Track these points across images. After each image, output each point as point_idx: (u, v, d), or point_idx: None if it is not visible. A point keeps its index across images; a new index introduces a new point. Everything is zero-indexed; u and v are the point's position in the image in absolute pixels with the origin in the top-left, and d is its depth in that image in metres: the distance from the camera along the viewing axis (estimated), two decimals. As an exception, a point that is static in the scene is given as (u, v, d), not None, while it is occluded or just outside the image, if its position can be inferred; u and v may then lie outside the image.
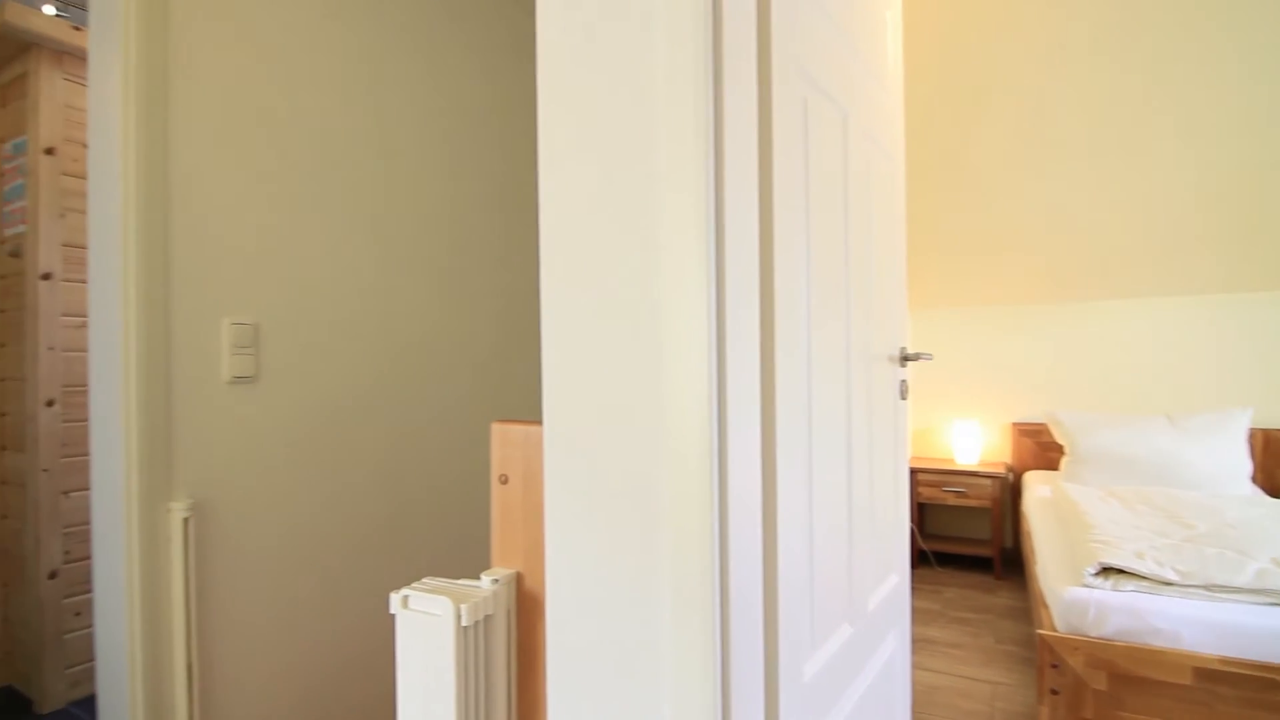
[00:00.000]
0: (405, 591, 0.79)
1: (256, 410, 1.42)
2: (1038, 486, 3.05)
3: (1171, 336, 3.21)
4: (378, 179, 1.70)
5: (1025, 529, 2.78)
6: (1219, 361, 3.13)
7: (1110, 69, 2.86)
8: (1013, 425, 3.48)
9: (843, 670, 1.03)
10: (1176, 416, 2.97)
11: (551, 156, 0.75)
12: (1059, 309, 3.40)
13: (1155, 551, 1.83)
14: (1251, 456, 2.97)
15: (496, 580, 0.81)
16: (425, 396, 1.82)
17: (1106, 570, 1.76)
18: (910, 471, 3.35)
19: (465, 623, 0.75)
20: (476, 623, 0.78)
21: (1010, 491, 3.45)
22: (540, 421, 0.82)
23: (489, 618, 0.80)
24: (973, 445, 3.45)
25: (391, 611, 0.78)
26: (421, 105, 1.83)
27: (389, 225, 1.73)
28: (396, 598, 0.79)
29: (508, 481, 0.85)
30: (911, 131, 3.32)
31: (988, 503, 3.25)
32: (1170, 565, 1.73)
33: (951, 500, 3.32)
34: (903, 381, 1.40)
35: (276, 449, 1.45)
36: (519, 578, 0.85)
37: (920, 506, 3.56)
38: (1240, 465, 2.76)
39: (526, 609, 0.84)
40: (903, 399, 1.41)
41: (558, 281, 0.74)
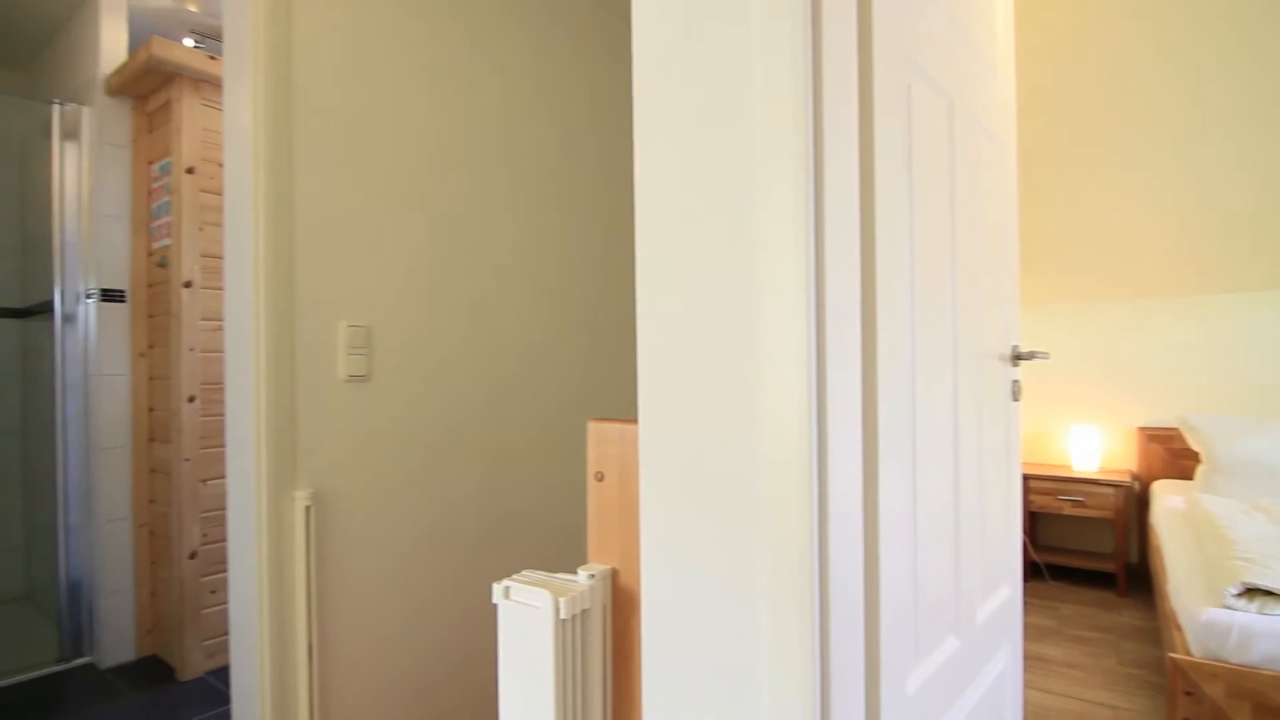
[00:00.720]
0: (507, 583, 0.82)
1: (369, 408, 1.51)
2: (1169, 497, 2.79)
3: (1332, 332, 2.86)
4: (479, 187, 1.77)
5: (1154, 543, 2.55)
6: (1393, 360, 2.76)
7: (1244, 47, 2.59)
8: (1139, 430, 3.20)
9: (949, 684, 0.98)
10: (1338, 422, 2.65)
11: (646, 156, 0.75)
12: (1191, 303, 3.09)
13: (1311, 573, 1.64)
14: None
15: (593, 576, 0.83)
16: (524, 395, 1.88)
17: (1251, 591, 1.59)
18: (1022, 478, 3.15)
19: (563, 616, 0.77)
20: (574, 616, 0.79)
21: (1136, 502, 3.18)
22: (636, 420, 0.83)
23: (586, 612, 0.82)
24: (1092, 451, 3.20)
25: (494, 601, 0.81)
26: (521, 115, 1.89)
27: (490, 230, 1.79)
28: (499, 588, 0.82)
29: (604, 479, 0.86)
30: (1028, 115, 3.12)
31: (1109, 513, 3.00)
32: (1331, 589, 1.55)
33: (1068, 510, 3.09)
34: (1015, 382, 1.32)
35: (386, 444, 1.54)
36: (614, 574, 0.86)
37: (1033, 516, 3.34)
38: None
39: (622, 605, 0.85)
40: (1015, 400, 1.32)
41: (653, 281, 0.75)
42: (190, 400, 2.27)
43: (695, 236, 0.71)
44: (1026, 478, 3.19)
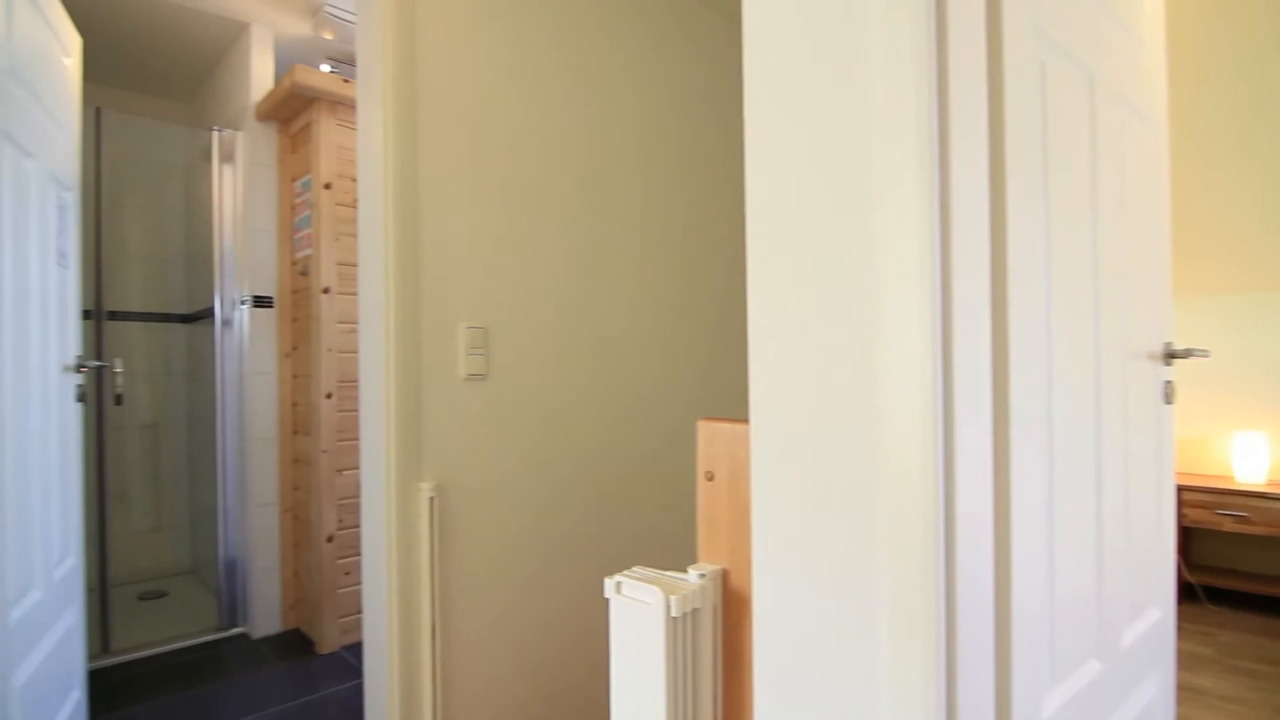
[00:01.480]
0: (618, 578, 0.83)
1: (486, 405, 1.58)
2: (1359, 516, 2.43)
3: None
4: (591, 189, 1.81)
5: (1340, 568, 2.23)
6: None
7: None
8: (1319, 438, 2.82)
9: (1090, 712, 0.90)
10: None
11: (758, 148, 0.74)
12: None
13: None
14: None
15: (703, 575, 0.83)
16: (634, 393, 1.91)
17: None
18: (1175, 489, 2.85)
19: (675, 613, 0.78)
20: (685, 615, 0.80)
21: (1316, 520, 2.79)
22: (746, 420, 0.82)
23: (696, 611, 0.82)
24: (1259, 461, 2.84)
25: (605, 596, 0.83)
26: (630, 116, 1.92)
27: (601, 232, 1.83)
28: (610, 583, 0.84)
29: (714, 478, 0.86)
30: (1184, 88, 2.82)
31: (1279, 531, 2.66)
32: None
33: (1229, 526, 2.76)
34: (1167, 383, 1.19)
35: (502, 439, 1.61)
36: (725, 574, 0.85)
37: (1186, 531, 3.01)
38: None
39: (732, 606, 0.85)
40: (1167, 403, 1.20)
41: (764, 280, 0.74)
42: (328, 397, 2.47)
43: (809, 231, 0.69)
44: (1180, 489, 2.88)
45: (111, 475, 3.15)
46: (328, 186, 2.47)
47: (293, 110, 2.58)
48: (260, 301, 2.68)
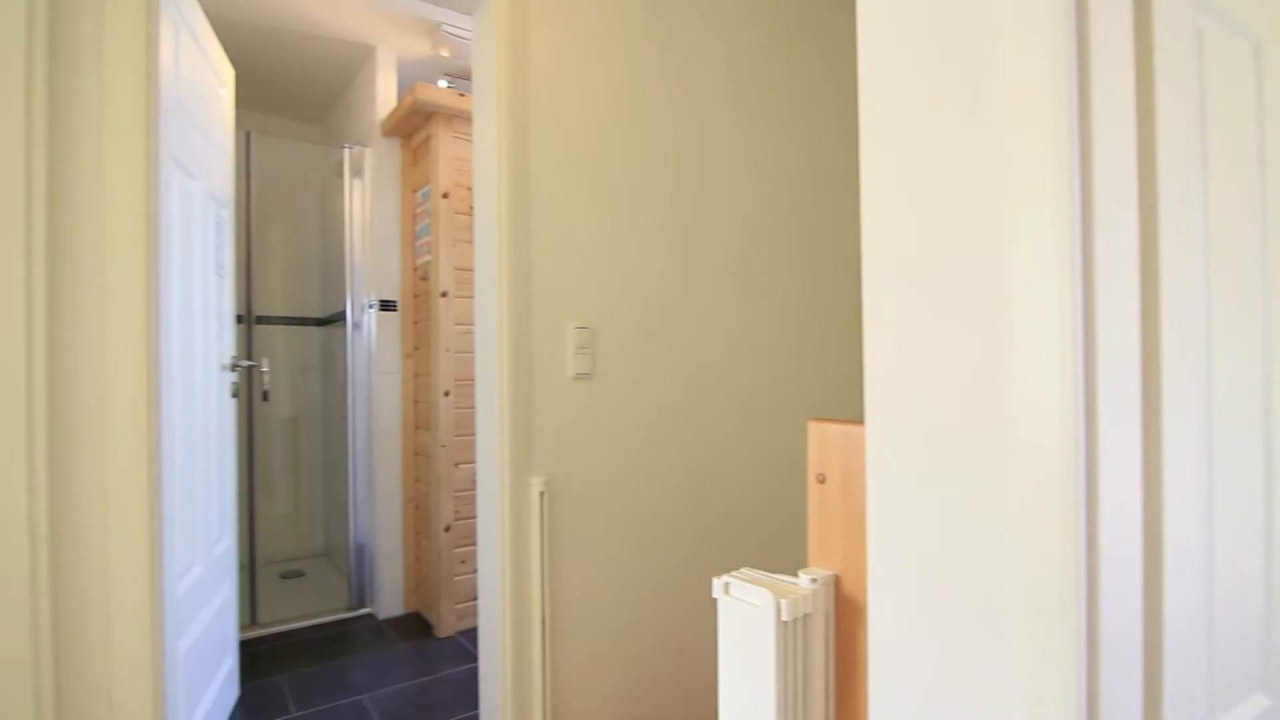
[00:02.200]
0: (727, 579, 0.83)
1: (592, 403, 1.62)
2: None
3: None
4: (695, 193, 1.82)
5: None
6: None
7: None
8: None
9: (1258, 754, 0.80)
10: None
11: (873, 136, 0.72)
12: None
13: None
14: None
15: (815, 580, 0.81)
16: (738, 393, 1.89)
17: None
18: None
19: (785, 618, 0.76)
20: (795, 620, 0.78)
21: None
22: (859, 421, 0.80)
23: (807, 616, 0.80)
24: None
25: (714, 596, 0.83)
26: (733, 121, 1.91)
27: (703, 234, 1.83)
28: (719, 584, 0.83)
29: (825, 481, 0.84)
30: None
31: None
32: None
33: None
34: (1354, 387, 1.04)
35: (607, 437, 1.64)
36: (837, 580, 0.83)
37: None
38: None
39: (845, 614, 0.82)
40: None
41: (882, 279, 0.71)
42: (446, 394, 2.61)
43: (931, 223, 0.66)
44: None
45: (258, 465, 3.47)
46: (445, 196, 2.61)
47: (414, 125, 2.75)
48: (386, 305, 2.87)
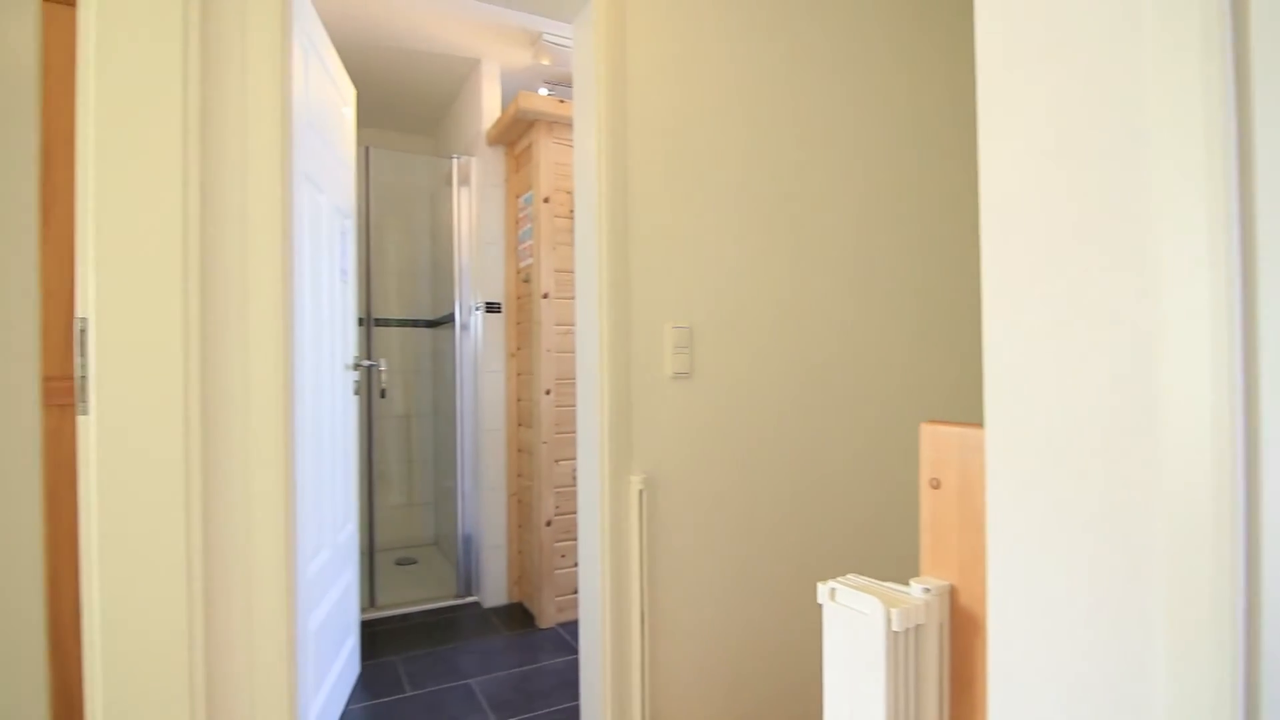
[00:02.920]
0: (832, 584, 0.81)
1: (691, 403, 1.62)
2: None
3: None
4: (795, 189, 1.78)
5: None
6: None
7: None
8: None
9: None
10: None
11: (993, 127, 0.68)
12: None
13: None
14: None
15: (928, 590, 0.77)
16: (840, 392, 1.84)
17: None
18: None
19: (896, 628, 0.73)
20: (907, 630, 0.75)
21: None
22: (976, 424, 0.75)
23: (920, 628, 0.77)
24: None
25: (818, 601, 0.81)
26: (837, 116, 1.85)
27: (807, 232, 1.79)
28: (824, 589, 0.81)
29: (939, 486, 0.80)
30: None
31: None
32: None
33: None
34: None
35: (705, 436, 1.64)
36: (953, 591, 0.79)
37: None
38: None
39: (962, 627, 0.78)
40: None
41: (1006, 275, 0.67)
42: (547, 393, 2.69)
43: (1062, 218, 0.62)
44: None
45: (376, 458, 3.71)
46: (546, 200, 2.69)
47: (517, 133, 2.85)
48: (491, 307, 2.99)
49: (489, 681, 2.25)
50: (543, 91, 3.13)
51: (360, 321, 3.00)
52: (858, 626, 0.77)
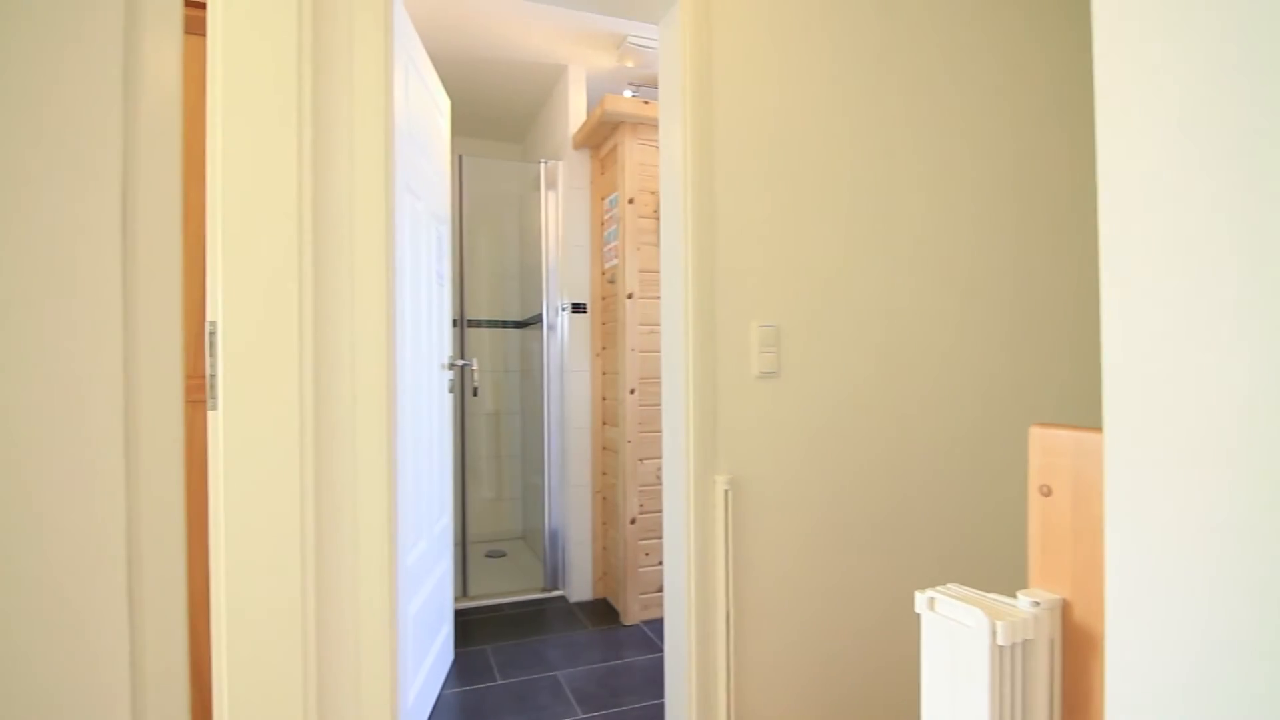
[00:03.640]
0: (931, 594, 0.77)
1: (777, 403, 1.59)
2: None
3: None
4: (884, 187, 1.72)
5: None
6: None
7: None
8: None
9: None
10: None
11: (1112, 112, 0.63)
12: None
13: None
14: None
15: (1037, 603, 0.73)
16: (930, 393, 1.76)
17: None
18: None
19: (1001, 642, 0.70)
20: (1014, 645, 0.71)
21: None
22: (1093, 428, 0.70)
23: (1028, 643, 0.72)
24: None
25: (916, 611, 0.78)
26: (928, 110, 1.78)
27: (897, 230, 1.73)
28: (922, 598, 0.78)
29: (1050, 494, 0.75)
30: None
31: None
32: None
33: None
34: None
35: (792, 437, 1.61)
36: (1065, 606, 0.74)
37: None
38: None
39: (1076, 644, 0.73)
40: None
41: (1127, 265, 0.62)
42: (631, 392, 2.72)
43: (1192, 207, 0.57)
44: None
45: (468, 454, 3.86)
46: (631, 201, 2.71)
47: (602, 136, 2.89)
48: (577, 308, 3.05)
49: (575, 674, 2.30)
50: (627, 93, 3.16)
51: (454, 322, 3.13)
52: (959, 639, 0.73)
